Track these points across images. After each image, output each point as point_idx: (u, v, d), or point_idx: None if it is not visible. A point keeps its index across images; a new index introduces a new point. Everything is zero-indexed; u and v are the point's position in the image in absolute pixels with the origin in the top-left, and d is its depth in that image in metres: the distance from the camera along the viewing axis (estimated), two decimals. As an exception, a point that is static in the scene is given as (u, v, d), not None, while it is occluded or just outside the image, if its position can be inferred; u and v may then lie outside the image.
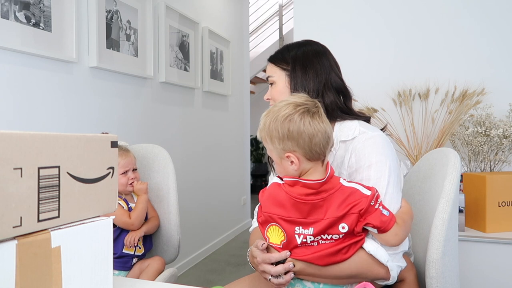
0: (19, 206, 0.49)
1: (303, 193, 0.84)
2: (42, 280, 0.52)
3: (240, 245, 3.50)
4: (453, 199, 0.94)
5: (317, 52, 1.12)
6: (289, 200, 0.85)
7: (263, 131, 0.89)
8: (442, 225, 0.92)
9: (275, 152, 0.88)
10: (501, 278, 1.56)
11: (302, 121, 0.84)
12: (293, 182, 0.86)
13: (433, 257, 0.91)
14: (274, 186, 0.90)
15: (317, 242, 0.84)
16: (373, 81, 2.06)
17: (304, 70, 1.08)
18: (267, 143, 0.89)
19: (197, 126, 3.06)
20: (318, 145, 0.85)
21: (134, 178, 1.42)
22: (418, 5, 2.02)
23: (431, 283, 0.91)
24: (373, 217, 0.84)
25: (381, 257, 0.87)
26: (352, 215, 0.83)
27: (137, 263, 1.39)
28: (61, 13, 1.72)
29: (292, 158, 0.85)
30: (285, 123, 0.84)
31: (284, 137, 0.85)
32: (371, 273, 0.88)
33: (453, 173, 0.97)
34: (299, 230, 0.84)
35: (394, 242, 0.87)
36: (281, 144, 0.85)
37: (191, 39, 2.90)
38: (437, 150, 1.16)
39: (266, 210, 0.88)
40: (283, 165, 0.88)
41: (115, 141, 0.66)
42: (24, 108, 1.60)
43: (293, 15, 2.31)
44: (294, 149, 0.85)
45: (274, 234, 0.87)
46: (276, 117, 0.86)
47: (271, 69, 1.14)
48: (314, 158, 0.86)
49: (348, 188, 0.86)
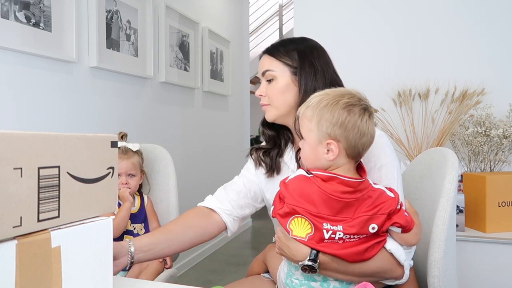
0: (19, 206, 0.49)
1: (339, 190, 0.81)
2: (42, 280, 0.52)
3: (240, 245, 3.50)
4: (453, 198, 0.95)
5: (320, 48, 1.08)
6: (321, 196, 0.81)
7: (314, 108, 0.85)
8: (443, 224, 0.92)
9: (316, 134, 0.84)
10: (501, 278, 1.56)
11: (361, 116, 0.83)
12: (329, 178, 0.82)
13: (436, 256, 0.91)
14: (302, 179, 0.85)
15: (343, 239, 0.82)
16: (373, 81, 2.06)
17: (313, 68, 1.02)
18: (311, 122, 0.85)
19: (197, 126, 3.06)
20: (363, 145, 0.84)
21: (126, 184, 1.37)
22: (419, 5, 2.02)
23: (434, 282, 0.91)
24: (399, 217, 0.83)
25: (400, 256, 0.86)
26: (382, 216, 0.82)
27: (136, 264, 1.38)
28: (61, 13, 1.72)
29: (332, 146, 0.82)
30: (344, 110, 0.82)
31: (338, 123, 0.82)
32: (390, 272, 0.87)
33: (452, 172, 0.97)
34: (327, 226, 0.81)
35: (414, 242, 0.87)
36: (329, 129, 0.82)
37: (191, 39, 2.90)
38: (433, 150, 1.16)
39: (291, 203, 0.82)
40: (317, 151, 0.84)
41: (115, 141, 0.66)
42: (24, 108, 1.60)
43: (293, 15, 2.31)
44: (340, 139, 0.82)
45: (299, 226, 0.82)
46: (338, 101, 0.83)
47: (270, 63, 1.04)
48: (352, 156, 0.84)
49: (377, 190, 0.85)
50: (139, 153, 1.45)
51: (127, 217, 1.33)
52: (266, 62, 1.06)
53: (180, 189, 1.55)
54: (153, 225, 1.46)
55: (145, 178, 1.49)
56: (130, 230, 1.39)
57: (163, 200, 1.50)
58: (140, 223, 1.42)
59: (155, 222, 1.47)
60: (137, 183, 1.42)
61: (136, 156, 1.42)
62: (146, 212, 1.47)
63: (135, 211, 1.42)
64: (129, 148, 1.42)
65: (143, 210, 1.46)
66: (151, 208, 1.48)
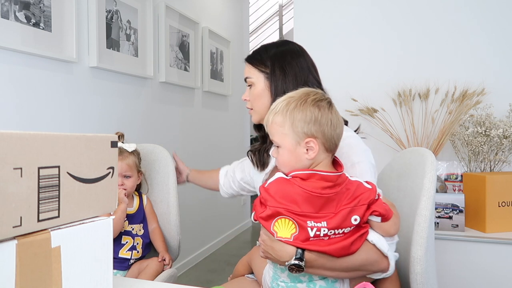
0: (19, 206, 0.49)
1: (319, 186, 0.83)
2: (42, 280, 0.52)
3: (240, 245, 3.50)
4: (433, 196, 0.98)
5: (295, 52, 1.12)
6: (303, 195, 0.82)
7: (283, 113, 0.86)
8: (424, 222, 0.95)
9: (291, 137, 0.85)
10: (501, 278, 1.56)
11: (330, 109, 0.86)
12: (308, 175, 0.84)
13: (418, 253, 0.94)
14: (282, 181, 0.86)
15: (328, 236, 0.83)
16: (373, 81, 2.06)
17: (283, 72, 1.08)
18: (283, 127, 0.86)
19: (197, 126, 3.06)
20: (338, 136, 0.87)
21: (121, 185, 1.35)
22: (419, 5, 2.02)
23: (416, 279, 0.94)
24: (378, 205, 0.85)
25: (383, 247, 0.88)
26: (362, 207, 0.84)
27: (135, 263, 1.38)
28: (61, 13, 1.72)
29: (312, 144, 0.84)
30: (314, 107, 0.84)
31: (312, 120, 0.84)
32: (376, 264, 0.89)
33: (432, 171, 1.00)
34: (311, 223, 0.82)
35: (393, 232, 0.89)
36: (305, 128, 0.84)
37: (191, 39, 2.90)
38: (410, 150, 1.20)
39: (274, 205, 0.83)
40: (297, 153, 0.86)
41: (115, 141, 0.66)
42: (24, 108, 1.60)
43: (293, 15, 2.31)
44: (317, 135, 0.84)
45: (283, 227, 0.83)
46: (305, 100, 0.85)
47: (249, 71, 1.14)
48: (330, 149, 0.86)
49: (354, 182, 0.87)
50: (135, 154, 1.42)
51: (123, 219, 1.32)
52: (246, 69, 1.16)
53: (180, 189, 1.54)
54: (153, 226, 1.45)
55: (143, 178, 1.48)
56: (129, 231, 1.38)
57: (163, 200, 1.49)
58: (138, 223, 1.41)
59: (154, 223, 1.46)
60: (133, 184, 1.40)
61: (132, 156, 1.39)
62: (146, 213, 1.46)
63: (133, 211, 1.41)
64: (124, 149, 1.39)
65: (142, 210, 1.45)
66: (150, 208, 1.48)
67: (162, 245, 1.43)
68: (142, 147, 1.56)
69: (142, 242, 1.40)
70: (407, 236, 1.01)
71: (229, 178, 1.47)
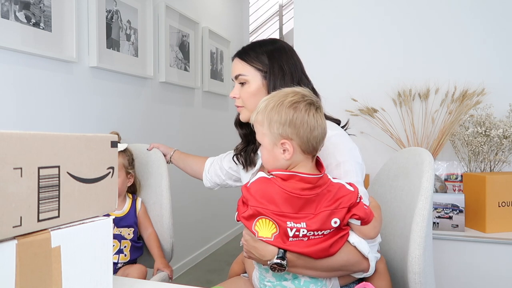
0: (19, 206, 0.49)
1: (298, 187, 0.83)
2: (42, 280, 0.52)
3: (240, 245, 3.50)
4: (431, 196, 0.98)
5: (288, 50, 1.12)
6: (282, 195, 0.83)
7: (262, 113, 0.88)
8: (422, 222, 0.95)
9: (269, 137, 0.87)
10: (501, 278, 1.56)
11: (307, 111, 0.85)
12: (288, 176, 0.84)
13: (416, 253, 0.94)
14: (263, 180, 0.87)
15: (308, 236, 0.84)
16: (373, 81, 2.06)
17: (281, 71, 1.07)
18: (262, 126, 0.88)
19: (197, 126, 3.06)
20: (316, 139, 0.86)
21: None
22: (419, 5, 2.02)
23: (414, 278, 0.94)
24: (358, 209, 0.86)
25: (364, 249, 0.89)
26: (343, 210, 0.85)
27: (123, 268, 1.34)
28: (61, 13, 1.72)
29: (287, 145, 0.85)
30: (290, 109, 0.85)
31: (286, 122, 0.84)
32: (357, 265, 0.90)
33: (429, 171, 1.00)
34: (290, 224, 0.83)
35: (373, 235, 0.89)
36: (280, 129, 0.85)
37: (191, 39, 2.90)
38: (408, 150, 1.19)
39: (254, 205, 0.84)
40: (274, 153, 0.87)
41: (115, 141, 0.66)
42: (24, 108, 1.60)
43: (293, 15, 2.31)
44: (292, 137, 0.84)
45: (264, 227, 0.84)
46: (282, 101, 0.86)
47: (243, 68, 1.11)
48: (308, 151, 0.86)
49: (336, 184, 0.87)
50: (126, 154, 1.40)
51: None
52: (239, 66, 1.13)
53: (180, 189, 1.54)
54: (148, 231, 1.43)
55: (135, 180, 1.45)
56: (116, 234, 1.34)
57: (156, 202, 1.46)
58: (127, 227, 1.37)
59: (149, 227, 1.43)
60: (120, 186, 1.35)
61: (119, 157, 1.36)
62: (140, 218, 1.42)
63: (121, 214, 1.37)
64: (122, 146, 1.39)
65: (133, 214, 1.41)
66: (144, 214, 1.44)
67: (158, 251, 1.39)
68: (135, 147, 1.53)
69: (131, 245, 1.37)
70: (405, 236, 1.01)
71: (216, 166, 1.46)
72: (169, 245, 1.44)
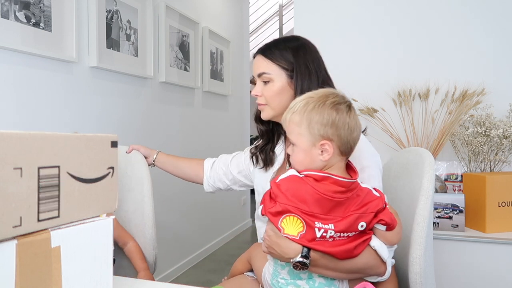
0: (19, 206, 0.49)
1: (331, 189, 0.83)
2: (42, 280, 0.52)
3: (240, 245, 3.50)
4: (432, 196, 0.98)
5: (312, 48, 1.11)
6: (314, 195, 0.83)
7: (301, 113, 0.86)
8: (423, 222, 0.95)
9: (307, 137, 0.86)
10: (501, 278, 1.56)
11: (348, 113, 0.86)
12: (322, 178, 0.84)
13: (417, 253, 0.94)
14: (295, 179, 0.86)
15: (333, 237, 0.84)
16: (373, 81, 2.06)
17: (307, 69, 1.05)
18: (300, 127, 0.86)
19: (197, 126, 3.06)
20: (354, 140, 0.87)
21: None
22: (420, 6, 2.02)
23: (415, 279, 0.94)
24: (385, 215, 0.86)
25: (383, 253, 0.89)
26: (370, 214, 0.85)
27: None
28: (61, 13, 1.72)
29: (327, 146, 0.84)
30: (333, 109, 0.85)
31: (328, 123, 0.84)
32: (375, 268, 0.90)
33: (430, 171, 1.00)
34: (318, 224, 0.83)
35: (396, 241, 0.89)
36: (321, 130, 0.84)
37: (191, 39, 2.90)
38: (408, 150, 1.19)
39: (284, 202, 0.84)
40: (311, 154, 0.86)
41: (115, 141, 0.66)
42: (24, 108, 1.60)
43: (293, 15, 2.31)
44: (333, 138, 0.84)
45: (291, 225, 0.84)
46: (324, 101, 0.86)
47: (267, 66, 1.07)
48: (345, 153, 0.87)
49: (364, 189, 0.87)
50: None
51: None
52: (262, 64, 1.08)
53: (180, 189, 1.53)
54: (129, 244, 1.27)
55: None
56: None
57: (137, 209, 1.29)
58: None
59: (128, 240, 1.28)
60: None
61: None
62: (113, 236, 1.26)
63: None
64: None
65: None
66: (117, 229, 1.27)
67: (141, 264, 1.25)
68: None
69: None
70: (406, 236, 1.01)
71: (220, 171, 1.36)
72: (152, 257, 1.29)
